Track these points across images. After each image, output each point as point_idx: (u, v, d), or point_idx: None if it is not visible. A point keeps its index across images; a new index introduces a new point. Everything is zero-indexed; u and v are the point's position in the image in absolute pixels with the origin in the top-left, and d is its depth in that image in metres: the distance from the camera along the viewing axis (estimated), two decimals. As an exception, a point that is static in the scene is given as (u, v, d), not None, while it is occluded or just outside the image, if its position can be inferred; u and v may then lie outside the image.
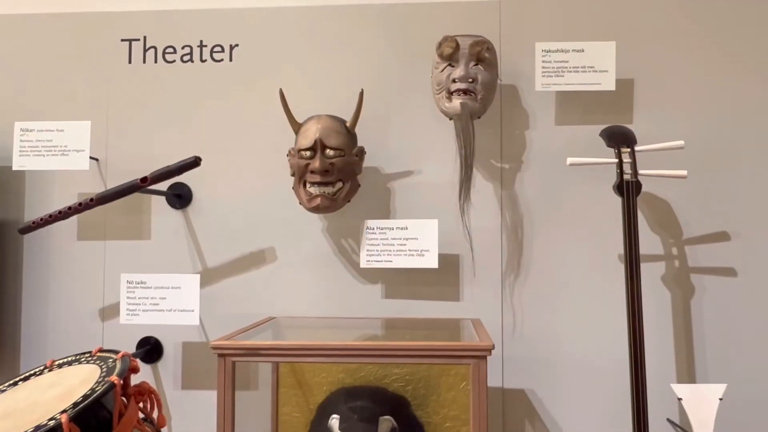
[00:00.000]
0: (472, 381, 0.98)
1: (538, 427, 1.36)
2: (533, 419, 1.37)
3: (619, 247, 1.35)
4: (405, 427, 1.17)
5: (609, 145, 1.24)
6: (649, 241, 1.37)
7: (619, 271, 1.34)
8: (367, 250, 1.34)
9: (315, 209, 1.31)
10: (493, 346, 0.99)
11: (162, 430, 1.23)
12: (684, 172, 1.23)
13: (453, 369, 1.27)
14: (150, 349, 1.44)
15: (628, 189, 1.20)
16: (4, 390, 1.23)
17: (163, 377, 1.44)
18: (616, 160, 1.22)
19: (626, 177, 1.21)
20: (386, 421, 1.13)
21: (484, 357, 0.98)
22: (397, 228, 1.33)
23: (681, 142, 1.23)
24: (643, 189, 1.22)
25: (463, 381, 1.27)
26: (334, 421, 1.13)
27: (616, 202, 1.24)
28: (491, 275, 1.39)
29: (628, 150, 1.22)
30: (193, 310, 1.31)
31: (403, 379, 1.27)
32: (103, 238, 1.48)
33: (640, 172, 1.22)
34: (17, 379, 1.25)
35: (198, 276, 1.32)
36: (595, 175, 1.37)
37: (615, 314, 1.34)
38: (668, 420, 1.33)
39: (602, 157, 1.24)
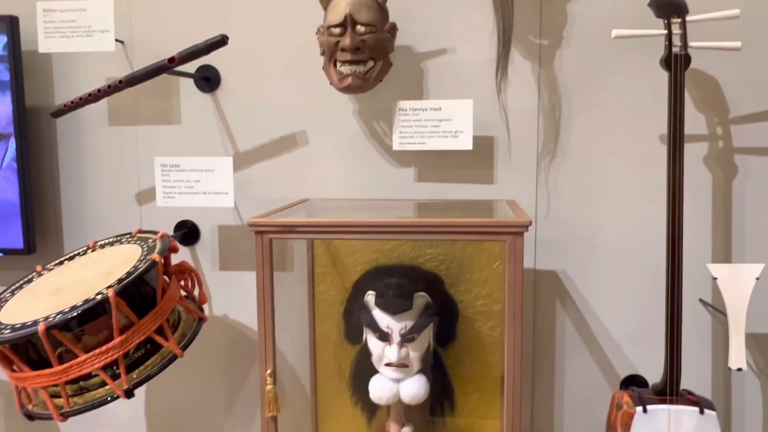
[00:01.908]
0: (508, 258, 0.98)
1: (569, 307, 1.38)
2: (564, 300, 1.38)
3: (660, 127, 1.30)
4: (439, 304, 1.20)
5: (658, 16, 1.16)
6: (693, 121, 1.31)
7: (660, 152, 1.30)
8: (400, 132, 1.31)
9: (346, 89, 1.27)
10: (530, 222, 0.98)
11: (203, 307, 1.28)
12: (738, 44, 1.15)
13: (486, 249, 1.28)
14: (187, 233, 1.47)
15: (677, 62, 1.13)
16: (51, 269, 1.27)
17: (201, 259, 1.48)
18: (665, 32, 1.15)
19: (675, 50, 1.14)
20: (421, 297, 1.15)
21: (521, 233, 0.97)
22: (430, 109, 1.30)
23: (736, 11, 1.14)
24: (691, 65, 1.15)
25: (496, 260, 1.28)
26: (370, 296, 1.16)
27: (661, 79, 1.18)
28: (526, 157, 1.37)
29: (679, 20, 1.14)
30: (227, 193, 1.32)
31: (437, 259, 1.28)
32: (134, 123, 1.47)
33: (690, 44, 1.15)
34: (63, 258, 1.30)
35: (231, 158, 1.31)
36: (640, 50, 1.29)
37: (652, 196, 1.32)
38: (700, 300, 1.33)
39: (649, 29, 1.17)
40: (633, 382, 1.35)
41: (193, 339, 1.19)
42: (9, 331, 1.04)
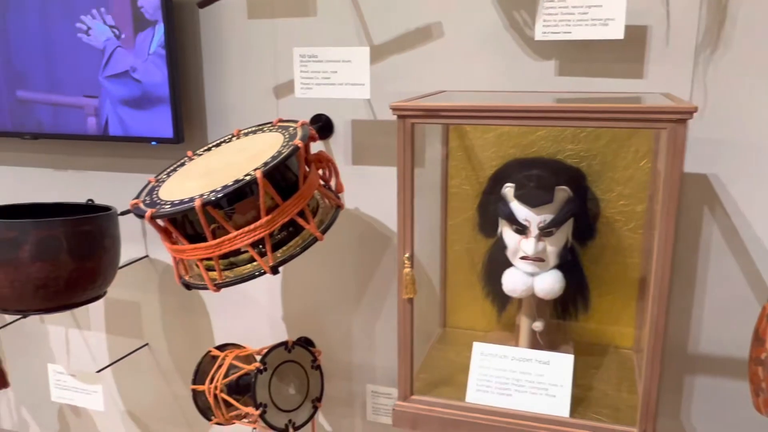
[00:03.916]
0: (668, 148, 0.91)
1: (719, 214, 1.29)
2: (713, 206, 1.29)
3: None
4: (581, 200, 1.16)
5: None
6: None
7: None
8: (544, 21, 1.24)
9: (489, -27, 1.20)
10: (696, 108, 0.90)
11: (340, 195, 1.31)
12: None
13: (634, 145, 1.20)
14: (321, 126, 1.49)
15: None
16: (201, 154, 1.35)
17: (334, 153, 1.51)
18: None
19: None
20: (562, 191, 1.11)
21: (684, 121, 0.90)
22: (579, -6, 1.21)
23: None
24: None
25: (643, 159, 1.20)
26: (508, 189, 1.13)
27: None
28: (683, 49, 1.25)
29: None
30: (363, 84, 1.32)
31: (578, 155, 1.23)
32: (271, 16, 1.48)
33: None
34: (210, 145, 1.37)
35: (368, 49, 1.30)
36: None
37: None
38: None
39: None
40: (785, 295, 1.26)
41: (331, 225, 1.23)
42: (169, 206, 1.13)
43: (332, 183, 1.34)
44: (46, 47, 1.58)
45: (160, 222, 1.16)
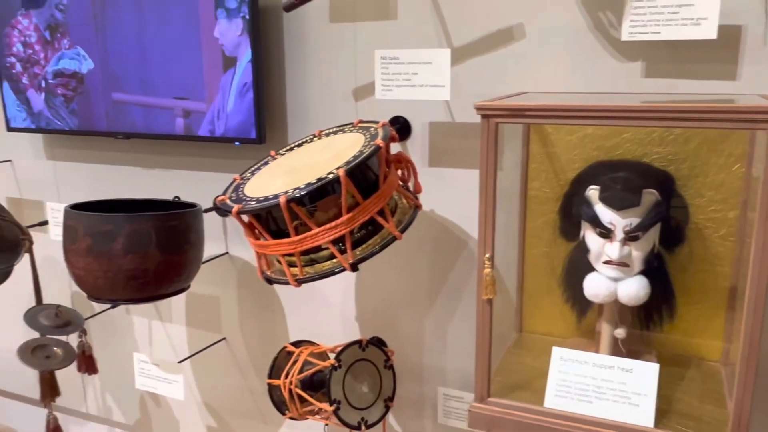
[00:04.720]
0: (766, 151, 0.87)
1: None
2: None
3: None
4: (668, 204, 1.12)
5: None
6: None
7: None
8: (631, 21, 1.21)
9: (575, -27, 1.19)
10: (800, 108, 0.86)
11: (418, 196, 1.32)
12: None
13: (726, 149, 1.16)
14: (399, 128, 1.51)
15: None
16: (284, 154, 1.39)
17: (411, 155, 1.52)
18: None
19: None
20: (650, 194, 1.08)
21: (787, 121, 0.85)
22: (669, -7, 1.17)
23: None
24: None
25: (736, 163, 1.15)
26: (593, 191, 1.11)
27: None
28: (781, 49, 1.19)
29: None
30: (444, 86, 1.32)
31: (665, 159, 1.19)
32: (353, 20, 1.51)
33: None
34: (292, 145, 1.40)
35: (449, 50, 1.31)
36: None
37: None
38: None
39: None
40: None
41: (410, 224, 1.24)
42: (254, 202, 1.16)
43: (410, 183, 1.35)
44: (141, 52, 1.66)
45: (244, 218, 1.20)
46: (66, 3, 1.70)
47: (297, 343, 1.58)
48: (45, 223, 1.88)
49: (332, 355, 1.47)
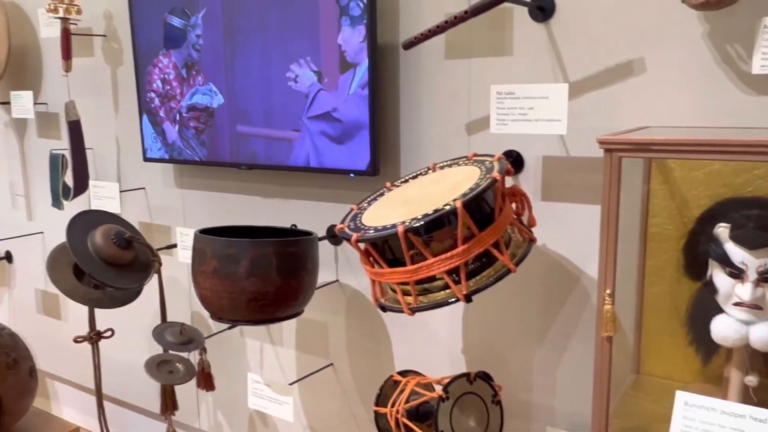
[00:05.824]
0: None
1: None
2: None
3: None
4: (808, 245, 1.05)
5: None
6: None
7: None
8: (762, 54, 1.16)
9: (703, 5, 1.16)
10: None
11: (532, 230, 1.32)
12: None
13: None
14: (512, 162, 1.51)
15: None
16: (399, 185, 1.43)
17: (523, 188, 1.52)
18: None
19: None
20: (788, 234, 1.02)
21: None
22: (808, 22, 1.12)
23: None
24: None
25: None
26: (722, 229, 1.07)
27: None
28: None
29: None
30: (560, 120, 1.32)
31: (802, 197, 1.13)
32: (468, 57, 1.55)
33: None
34: (407, 177, 1.45)
35: (566, 85, 1.31)
36: None
37: None
38: None
39: None
40: None
41: (524, 257, 1.24)
42: (372, 231, 1.20)
43: (524, 217, 1.34)
44: (264, 89, 1.77)
45: (361, 245, 1.25)
46: (202, 43, 1.86)
47: (403, 373, 1.59)
48: (174, 246, 2.03)
49: (438, 387, 1.47)
